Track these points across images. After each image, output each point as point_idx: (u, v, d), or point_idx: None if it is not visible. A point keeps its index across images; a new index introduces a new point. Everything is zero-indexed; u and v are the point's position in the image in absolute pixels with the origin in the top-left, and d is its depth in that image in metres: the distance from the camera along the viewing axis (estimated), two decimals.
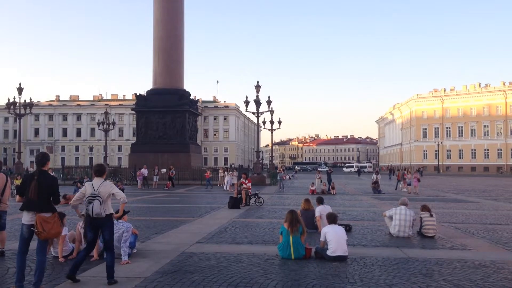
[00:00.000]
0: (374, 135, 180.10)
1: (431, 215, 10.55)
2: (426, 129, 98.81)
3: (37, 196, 5.71)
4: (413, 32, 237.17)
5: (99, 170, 6.40)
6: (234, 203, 16.90)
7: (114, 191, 6.35)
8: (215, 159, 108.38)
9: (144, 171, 31.82)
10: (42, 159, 5.99)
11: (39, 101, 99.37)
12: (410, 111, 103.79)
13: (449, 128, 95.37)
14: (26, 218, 5.81)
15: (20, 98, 37.90)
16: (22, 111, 38.90)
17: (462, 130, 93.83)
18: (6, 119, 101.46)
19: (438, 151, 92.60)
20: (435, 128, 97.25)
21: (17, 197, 6.10)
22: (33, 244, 5.98)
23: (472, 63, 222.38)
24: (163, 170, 34.16)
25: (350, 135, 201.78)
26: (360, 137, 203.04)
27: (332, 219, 8.41)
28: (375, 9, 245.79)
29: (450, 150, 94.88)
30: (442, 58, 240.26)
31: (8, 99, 38.44)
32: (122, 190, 26.71)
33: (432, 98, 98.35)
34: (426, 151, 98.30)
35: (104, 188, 6.19)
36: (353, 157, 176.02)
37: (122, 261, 7.31)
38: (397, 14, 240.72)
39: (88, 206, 6.05)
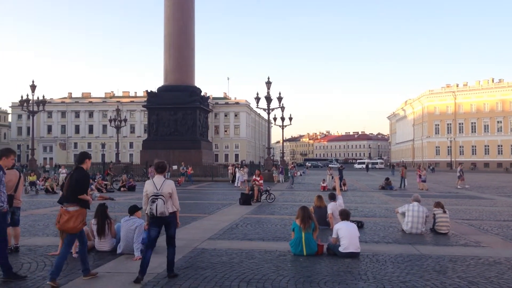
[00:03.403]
0: (385, 131, 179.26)
1: (444, 212, 10.45)
2: (438, 125, 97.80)
3: (66, 189, 6.19)
4: (426, 27, 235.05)
5: (162, 167, 6.40)
6: (246, 199, 16.89)
7: (173, 192, 6.35)
8: (226, 155, 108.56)
9: None
10: (80, 157, 6.39)
11: (52, 98, 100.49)
12: (422, 107, 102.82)
13: (462, 124, 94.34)
14: None
15: (33, 95, 38.17)
16: (35, 108, 39.22)
17: (475, 126, 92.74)
18: (20, 116, 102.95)
19: (450, 147, 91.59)
20: (448, 124, 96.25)
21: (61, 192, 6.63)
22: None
23: (485, 58, 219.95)
24: (174, 167, 34.38)
25: (361, 131, 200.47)
26: (372, 133, 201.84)
27: (345, 215, 8.37)
28: (387, 4, 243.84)
29: (462, 146, 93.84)
30: (455, 54, 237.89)
31: (22, 97, 38.77)
32: (134, 186, 26.67)
33: (444, 93, 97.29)
34: (439, 147, 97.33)
35: (167, 187, 6.24)
36: (364, 154, 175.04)
37: (134, 257, 7.41)
38: (409, 9, 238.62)
39: (152, 205, 6.10)
